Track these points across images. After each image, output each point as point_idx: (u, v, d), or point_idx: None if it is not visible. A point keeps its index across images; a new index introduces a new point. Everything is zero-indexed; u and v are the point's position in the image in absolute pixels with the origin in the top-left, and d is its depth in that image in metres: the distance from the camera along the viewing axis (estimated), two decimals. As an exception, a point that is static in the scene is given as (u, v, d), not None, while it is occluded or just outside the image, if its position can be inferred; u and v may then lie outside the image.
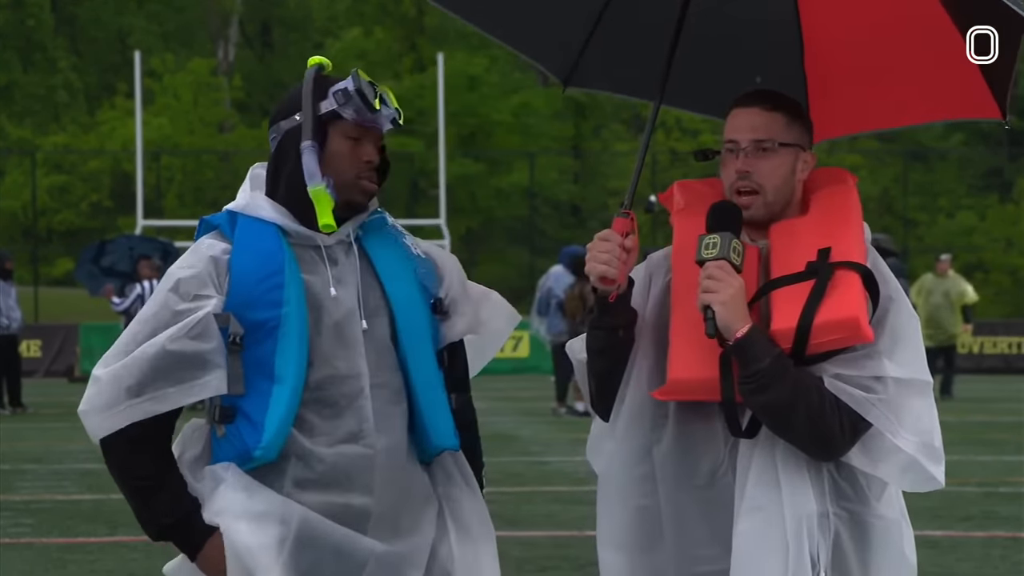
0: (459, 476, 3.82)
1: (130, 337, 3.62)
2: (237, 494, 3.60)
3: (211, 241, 3.68)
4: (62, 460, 15.48)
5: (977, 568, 9.26)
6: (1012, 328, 34.66)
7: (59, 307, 39.02)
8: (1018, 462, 14.93)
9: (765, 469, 3.55)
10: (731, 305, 3.50)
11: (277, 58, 61.34)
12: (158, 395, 3.57)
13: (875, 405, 3.48)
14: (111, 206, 50.36)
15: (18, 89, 54.93)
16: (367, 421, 3.65)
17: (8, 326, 22.17)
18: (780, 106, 3.68)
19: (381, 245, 3.77)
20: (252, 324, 3.59)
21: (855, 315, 3.46)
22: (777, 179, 3.65)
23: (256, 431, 3.58)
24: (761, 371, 3.47)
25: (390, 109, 3.70)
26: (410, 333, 3.72)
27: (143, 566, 9.41)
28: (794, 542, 3.52)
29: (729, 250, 3.54)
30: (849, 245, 3.55)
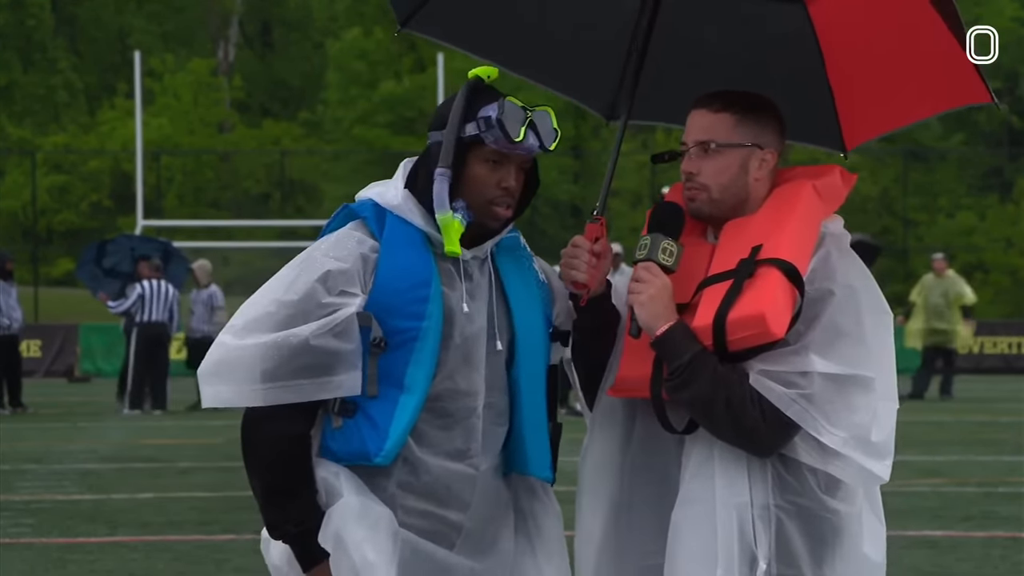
0: (542, 493, 3.85)
1: (264, 314, 3.59)
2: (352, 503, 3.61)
3: (361, 236, 3.65)
4: (62, 460, 15.49)
5: (977, 568, 9.27)
6: (1012, 328, 34.67)
7: (59, 307, 39.06)
8: (1018, 462, 14.93)
9: (703, 463, 3.59)
10: (649, 305, 3.57)
11: (277, 58, 61.35)
12: (292, 385, 3.55)
13: (795, 401, 3.48)
14: (111, 206, 50.38)
15: (18, 89, 54.94)
16: (476, 441, 3.68)
17: (9, 326, 22.18)
18: (730, 106, 3.70)
19: (513, 266, 3.79)
20: (389, 330, 3.59)
21: (761, 312, 3.46)
22: (723, 179, 3.68)
23: (379, 436, 3.59)
24: (680, 367, 3.52)
25: (537, 138, 3.69)
26: (528, 359, 3.74)
27: (143, 566, 9.42)
28: (724, 532, 3.53)
29: (657, 251, 3.62)
30: (781, 241, 3.55)
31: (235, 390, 3.59)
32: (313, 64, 57.03)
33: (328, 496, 3.63)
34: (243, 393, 3.58)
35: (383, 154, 50.43)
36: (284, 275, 3.66)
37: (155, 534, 10.60)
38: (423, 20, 4.13)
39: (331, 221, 3.74)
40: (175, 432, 18.91)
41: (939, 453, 15.33)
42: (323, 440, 3.65)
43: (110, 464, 15.22)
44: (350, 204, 3.74)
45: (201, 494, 12.73)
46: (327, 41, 56.00)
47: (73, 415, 21.85)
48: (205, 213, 49.02)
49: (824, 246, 3.62)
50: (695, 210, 3.71)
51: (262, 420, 3.61)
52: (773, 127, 3.74)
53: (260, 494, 3.65)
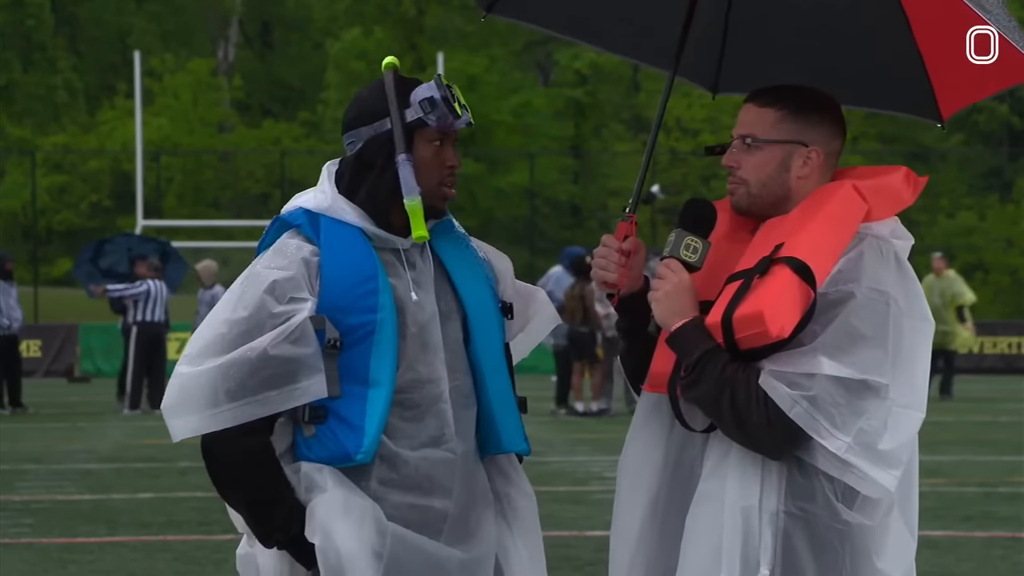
0: (515, 476, 3.87)
1: (217, 336, 3.59)
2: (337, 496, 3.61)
3: (298, 242, 3.65)
4: (62, 460, 15.49)
5: (977, 568, 9.27)
6: (1012, 328, 34.67)
7: (59, 307, 39.04)
8: (1018, 462, 14.93)
9: (719, 463, 3.55)
10: (664, 302, 3.55)
11: (277, 58, 61.34)
12: (259, 399, 3.55)
13: (798, 402, 3.42)
14: (111, 206, 50.36)
15: (18, 89, 54.93)
16: (448, 425, 3.69)
17: (9, 326, 22.16)
18: (776, 101, 3.67)
19: (452, 248, 3.81)
20: (345, 329, 3.60)
21: (760, 311, 3.42)
22: (761, 175, 3.64)
23: (356, 435, 3.60)
24: (689, 365, 3.51)
25: (466, 111, 3.72)
26: (483, 336, 3.76)
27: (143, 566, 9.41)
28: (729, 535, 3.50)
29: (680, 247, 3.59)
30: (799, 240, 3.51)
31: (201, 417, 3.57)
32: (313, 64, 57.01)
33: (309, 491, 3.62)
34: (210, 418, 3.57)
35: (383, 154, 50.45)
36: (229, 296, 3.65)
37: (155, 534, 10.59)
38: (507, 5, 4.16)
39: (265, 235, 3.74)
40: (175, 432, 18.89)
41: (939, 453, 15.32)
42: (297, 450, 3.65)
43: (110, 464, 15.22)
44: (281, 216, 3.74)
45: (201, 494, 12.72)
46: (327, 41, 55.99)
47: (73, 415, 21.84)
48: (205, 213, 49.01)
49: (859, 247, 3.54)
50: (735, 204, 3.68)
51: (224, 440, 3.60)
52: (824, 125, 3.68)
53: (243, 510, 3.65)
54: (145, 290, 22.22)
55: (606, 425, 19.12)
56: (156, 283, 22.37)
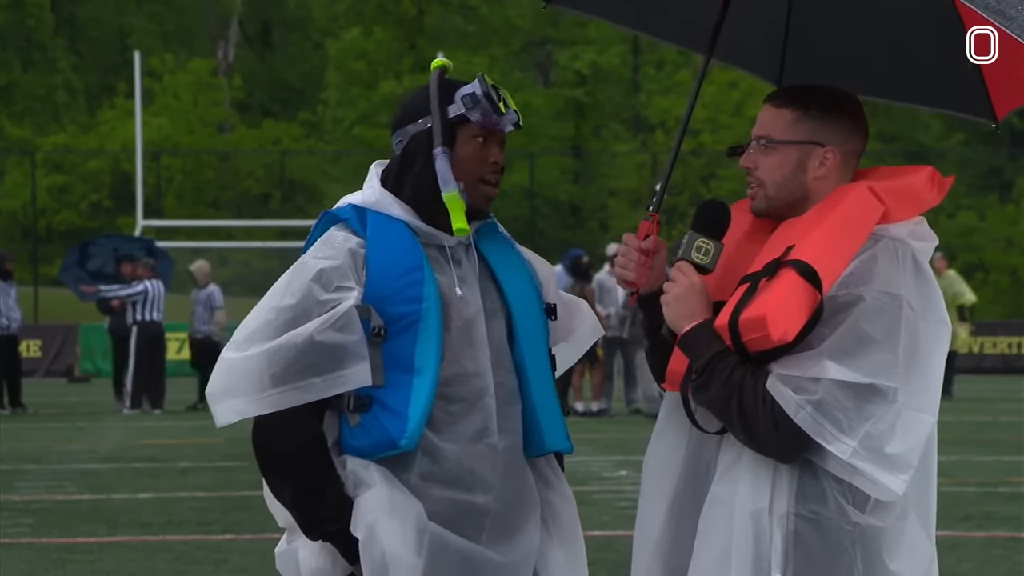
0: (555, 480, 3.87)
1: (264, 323, 3.62)
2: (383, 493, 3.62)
3: (345, 234, 3.70)
4: (62, 460, 15.48)
5: (977, 568, 9.27)
6: (1012, 328, 34.68)
7: (59, 307, 39.01)
8: (1018, 462, 14.93)
9: (731, 465, 3.54)
10: (674, 305, 3.55)
11: (277, 58, 61.35)
12: (303, 385, 3.58)
13: (803, 407, 3.40)
14: (111, 206, 50.36)
15: (18, 89, 54.93)
16: (491, 420, 3.71)
17: (8, 326, 22.17)
18: (792, 102, 3.65)
19: (497, 249, 3.84)
20: (390, 318, 3.63)
21: (763, 314, 3.41)
22: (777, 176, 3.63)
23: (400, 421, 3.61)
24: (699, 368, 3.50)
25: (512, 112, 3.75)
26: (527, 335, 3.78)
27: (143, 566, 9.41)
28: (740, 537, 3.49)
29: (691, 249, 3.59)
30: (812, 242, 3.48)
31: (247, 400, 3.60)
32: (313, 64, 57.02)
33: (357, 487, 3.64)
34: (256, 402, 3.60)
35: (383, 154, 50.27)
36: (278, 285, 3.70)
37: (155, 534, 10.59)
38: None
39: (314, 230, 3.78)
40: (175, 432, 18.90)
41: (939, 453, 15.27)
42: (343, 440, 3.67)
43: (110, 464, 15.22)
44: (329, 211, 3.79)
45: (201, 494, 12.72)
46: (327, 41, 55.99)
47: (73, 415, 21.84)
48: (205, 213, 49.01)
49: (872, 249, 3.51)
50: (754, 207, 3.67)
51: (276, 427, 3.62)
52: (841, 124, 3.64)
53: (291, 500, 3.66)
54: (142, 290, 22.20)
55: (606, 425, 19.11)
56: (153, 283, 22.35)
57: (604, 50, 52.82)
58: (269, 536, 10.27)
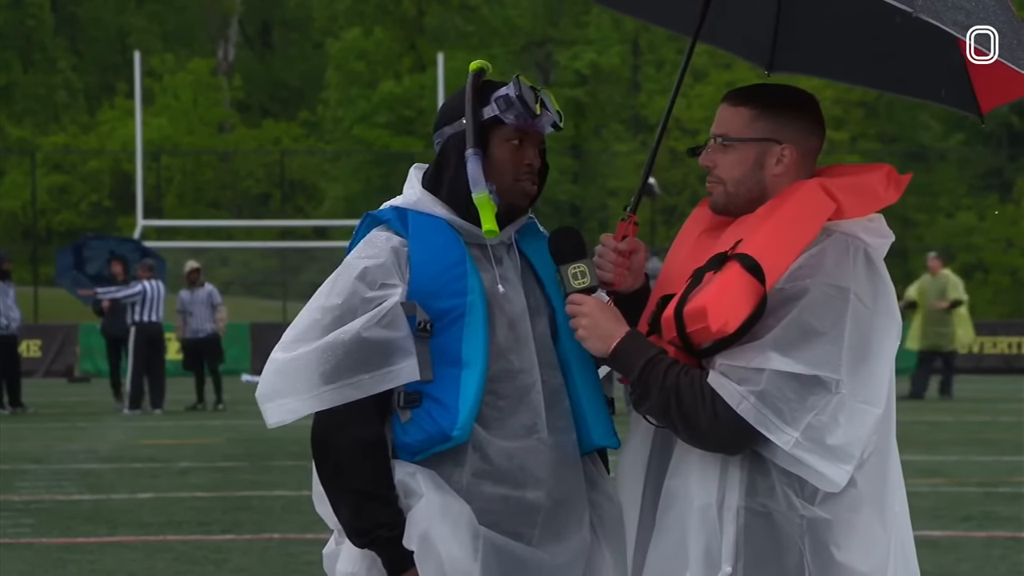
0: (601, 481, 3.87)
1: (311, 323, 3.64)
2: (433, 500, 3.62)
3: (388, 234, 3.72)
4: (62, 460, 15.49)
5: (977, 568, 9.27)
6: (1012, 328, 34.68)
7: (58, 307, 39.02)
8: (1018, 462, 14.94)
9: (681, 462, 3.59)
10: (588, 336, 3.62)
11: (277, 58, 61.36)
12: (354, 382, 3.59)
13: (745, 398, 3.43)
14: (111, 206, 50.38)
15: (18, 89, 54.95)
16: (539, 415, 3.71)
17: (8, 326, 22.17)
18: (749, 100, 3.68)
19: (537, 248, 3.85)
20: (436, 313, 3.64)
21: (704, 306, 3.45)
22: (736, 173, 3.66)
23: (451, 413, 3.62)
24: (634, 381, 3.56)
25: (551, 113, 3.76)
26: (571, 332, 3.76)
27: (143, 566, 9.42)
28: (693, 533, 3.53)
29: (569, 281, 3.67)
30: (759, 237, 3.52)
31: (299, 399, 3.61)
32: (313, 64, 57.04)
33: (407, 497, 3.63)
34: (307, 400, 3.60)
35: (383, 154, 50.44)
36: (324, 286, 3.72)
37: (155, 534, 10.60)
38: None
39: (357, 232, 3.81)
40: (174, 432, 18.91)
41: (939, 453, 15.33)
42: (395, 439, 3.67)
43: (110, 464, 15.22)
44: (372, 212, 3.81)
45: (200, 494, 12.72)
46: (327, 41, 56.00)
47: (73, 415, 21.84)
48: (205, 213, 49.03)
49: (821, 243, 3.54)
50: (713, 204, 3.71)
51: (337, 427, 3.63)
52: (798, 123, 3.68)
53: (349, 503, 3.64)
54: (139, 291, 22.18)
55: (606, 425, 19.12)
56: (152, 283, 22.34)
57: (604, 50, 52.85)
58: (269, 536, 10.28)
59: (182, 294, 23.52)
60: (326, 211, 48.91)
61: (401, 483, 3.64)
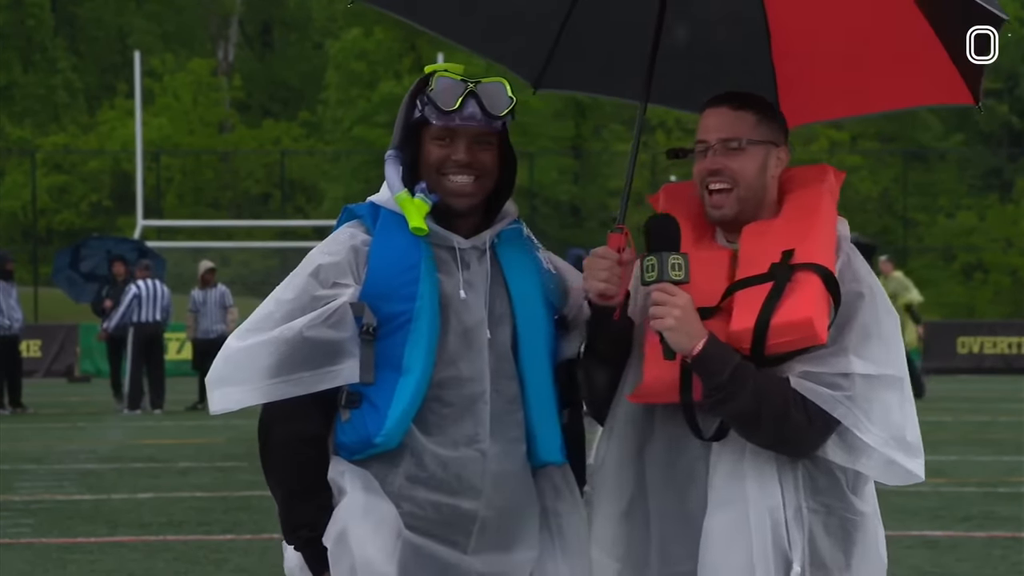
0: (566, 490, 3.84)
1: (265, 315, 3.68)
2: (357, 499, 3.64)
3: (352, 230, 3.75)
4: (62, 460, 15.49)
5: (977, 568, 9.26)
6: (1012, 328, 34.67)
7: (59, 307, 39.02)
8: (1018, 462, 14.93)
9: (735, 465, 3.59)
10: (678, 328, 3.54)
11: (277, 58, 61.37)
12: (294, 378, 3.61)
13: (841, 402, 3.52)
14: (111, 206, 50.39)
15: (18, 89, 54.95)
16: (483, 426, 3.69)
17: (9, 327, 22.16)
18: (748, 105, 3.72)
19: (514, 255, 3.82)
20: (385, 316, 3.65)
21: (809, 317, 3.50)
22: (748, 175, 3.68)
23: (379, 418, 3.63)
24: (721, 384, 3.52)
25: (472, 107, 3.70)
26: (530, 344, 3.76)
27: (143, 566, 9.41)
28: (758, 536, 3.55)
29: (668, 269, 3.58)
30: (813, 246, 3.58)
31: (242, 390, 3.64)
32: (313, 64, 57.05)
33: (338, 495, 3.65)
34: (249, 392, 3.63)
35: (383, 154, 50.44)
36: (287, 278, 3.75)
37: (155, 534, 10.59)
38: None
39: (337, 223, 3.84)
40: (175, 432, 18.91)
41: (939, 453, 15.32)
42: (336, 437, 3.69)
43: (110, 464, 15.22)
44: (350, 206, 3.83)
45: (201, 494, 12.72)
46: (327, 41, 56.01)
47: (73, 415, 21.83)
48: (205, 213, 49.03)
49: (843, 249, 3.65)
50: (721, 216, 3.70)
51: (276, 421, 3.66)
52: (782, 128, 3.76)
53: (277, 497, 3.69)
54: (135, 295, 22.13)
55: (606, 425, 19.11)
56: (147, 283, 22.29)
57: (604, 50, 52.83)
58: (269, 536, 10.27)
59: (194, 293, 23.45)
60: (326, 211, 48.89)
61: (332, 481, 3.66)
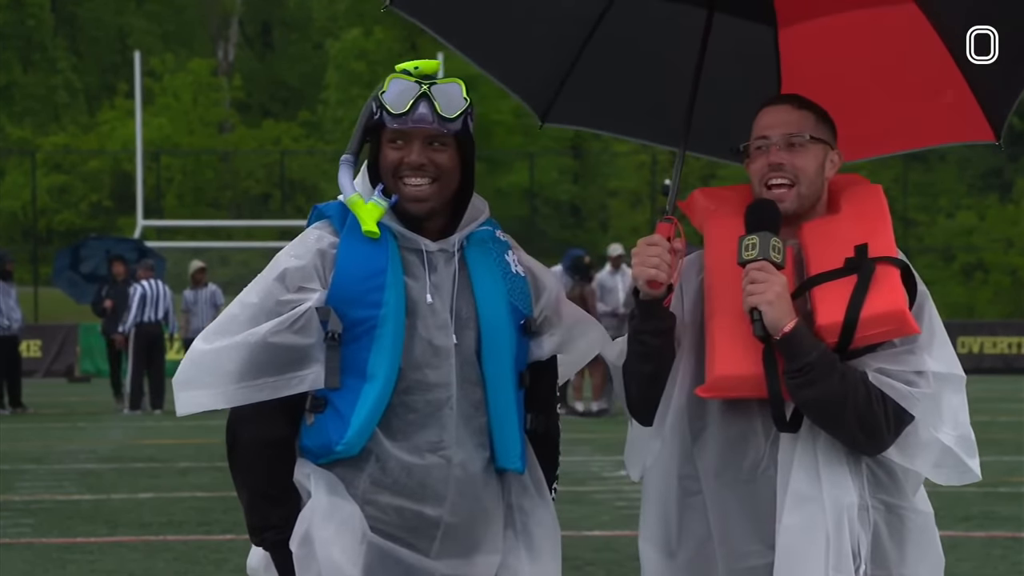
0: (533, 488, 3.85)
1: (230, 318, 3.65)
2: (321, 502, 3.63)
3: (320, 232, 3.71)
4: (62, 460, 15.49)
5: (977, 568, 9.26)
6: (1012, 328, 34.66)
7: (59, 307, 39.02)
8: (1018, 462, 14.94)
9: (807, 462, 3.60)
10: (777, 304, 3.56)
11: (277, 58, 61.35)
12: (258, 383, 3.60)
13: (919, 400, 3.55)
14: (111, 206, 50.38)
15: (18, 89, 54.95)
16: (448, 432, 3.68)
17: (9, 327, 22.16)
18: (808, 106, 3.77)
19: (481, 258, 3.79)
20: (351, 321, 3.62)
21: (901, 308, 3.53)
22: (811, 172, 3.72)
23: (342, 425, 3.62)
24: (809, 364, 3.53)
25: (422, 110, 3.67)
26: (493, 351, 3.74)
27: (143, 566, 9.42)
28: (835, 534, 3.57)
29: (769, 249, 3.59)
30: (886, 241, 3.63)
31: (207, 393, 3.63)
32: (313, 64, 57.04)
33: (303, 497, 3.65)
34: (213, 395, 3.63)
35: (383, 154, 50.45)
36: (255, 280, 3.72)
37: (155, 534, 10.60)
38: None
39: (307, 222, 3.80)
40: (175, 432, 18.90)
41: (939, 453, 15.33)
42: (300, 440, 3.68)
43: (110, 464, 15.22)
44: (319, 205, 3.81)
45: (201, 494, 12.72)
46: (327, 41, 55.99)
47: (73, 415, 21.83)
48: (205, 213, 49.02)
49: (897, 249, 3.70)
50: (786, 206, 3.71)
51: (243, 423, 3.66)
52: (835, 132, 3.80)
53: (243, 499, 3.68)
54: (140, 294, 22.13)
55: (606, 425, 19.10)
56: (150, 283, 22.29)
57: (604, 50, 52.80)
58: (269, 536, 10.26)
59: (186, 293, 23.45)
60: (326, 211, 48.85)
61: (298, 482, 3.66)
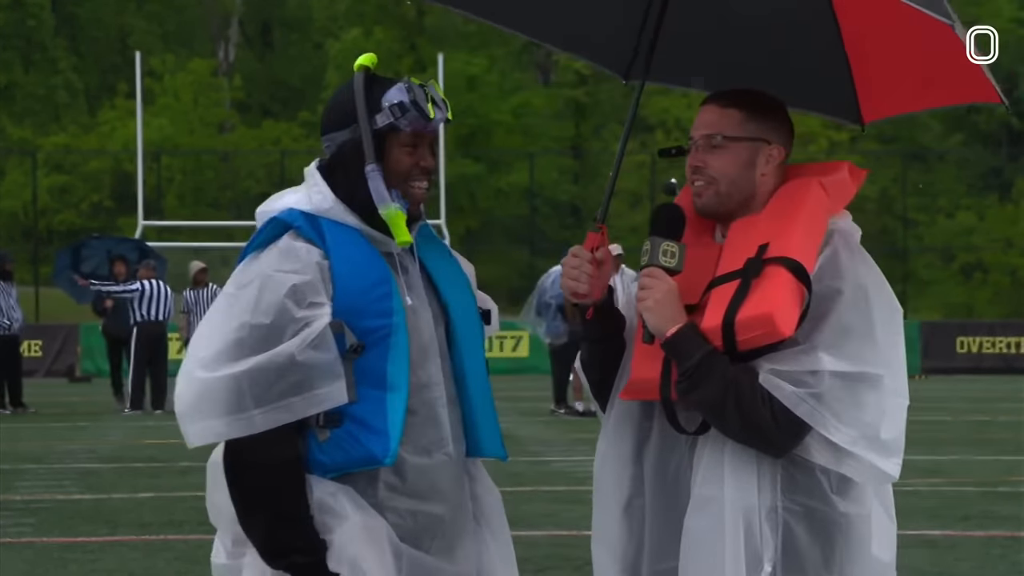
0: (479, 474, 3.86)
1: (234, 341, 3.53)
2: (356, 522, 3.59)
3: (307, 246, 3.61)
4: (62, 460, 15.50)
5: (976, 568, 9.27)
6: (1011, 328, 34.68)
7: (59, 307, 39.02)
8: (1018, 462, 14.94)
9: (714, 465, 3.58)
10: (656, 310, 3.56)
11: (277, 58, 61.35)
12: (283, 405, 3.50)
13: (804, 400, 3.47)
14: (111, 206, 50.38)
15: (18, 89, 54.95)
16: (445, 430, 3.68)
17: (9, 327, 22.18)
18: (737, 102, 3.72)
19: (434, 253, 3.79)
20: (360, 332, 3.56)
21: (769, 312, 3.47)
22: (730, 173, 3.68)
23: (381, 439, 3.56)
24: (690, 368, 3.52)
25: (442, 111, 3.68)
26: (467, 341, 3.74)
27: (143, 566, 9.42)
28: (732, 536, 3.53)
29: (659, 254, 3.60)
30: (790, 240, 3.55)
31: (226, 422, 3.52)
32: (313, 64, 57.05)
33: (329, 517, 3.58)
34: (236, 423, 3.51)
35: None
36: (243, 297, 3.59)
37: (155, 534, 10.60)
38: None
39: (258, 234, 3.68)
40: (175, 432, 18.81)
41: (939, 453, 15.34)
42: (310, 456, 3.60)
43: (110, 464, 15.23)
44: (276, 216, 3.68)
45: (201, 494, 12.58)
46: (327, 41, 56.00)
47: (73, 415, 21.84)
48: (205, 213, 49.02)
49: (831, 244, 3.61)
50: (702, 206, 3.71)
51: (254, 447, 3.54)
52: (781, 125, 3.75)
53: (258, 524, 3.58)
54: (136, 289, 22.15)
55: (606, 425, 19.11)
56: (153, 283, 22.33)
57: (604, 50, 52.84)
58: (269, 536, 10.27)
59: (187, 294, 23.45)
60: (326, 211, 48.89)
61: (321, 502, 3.58)
